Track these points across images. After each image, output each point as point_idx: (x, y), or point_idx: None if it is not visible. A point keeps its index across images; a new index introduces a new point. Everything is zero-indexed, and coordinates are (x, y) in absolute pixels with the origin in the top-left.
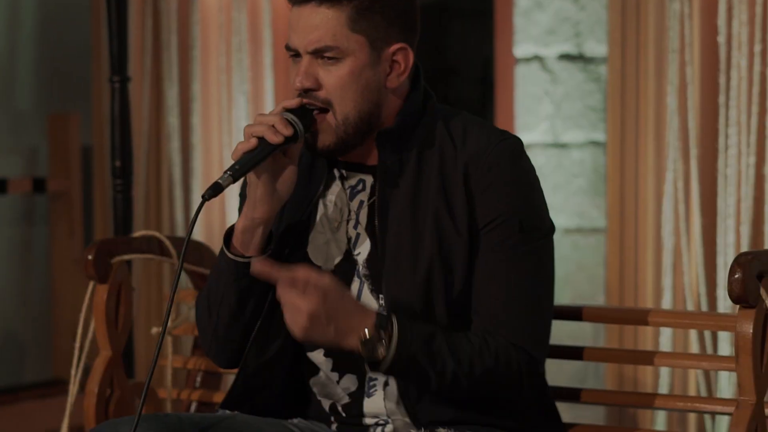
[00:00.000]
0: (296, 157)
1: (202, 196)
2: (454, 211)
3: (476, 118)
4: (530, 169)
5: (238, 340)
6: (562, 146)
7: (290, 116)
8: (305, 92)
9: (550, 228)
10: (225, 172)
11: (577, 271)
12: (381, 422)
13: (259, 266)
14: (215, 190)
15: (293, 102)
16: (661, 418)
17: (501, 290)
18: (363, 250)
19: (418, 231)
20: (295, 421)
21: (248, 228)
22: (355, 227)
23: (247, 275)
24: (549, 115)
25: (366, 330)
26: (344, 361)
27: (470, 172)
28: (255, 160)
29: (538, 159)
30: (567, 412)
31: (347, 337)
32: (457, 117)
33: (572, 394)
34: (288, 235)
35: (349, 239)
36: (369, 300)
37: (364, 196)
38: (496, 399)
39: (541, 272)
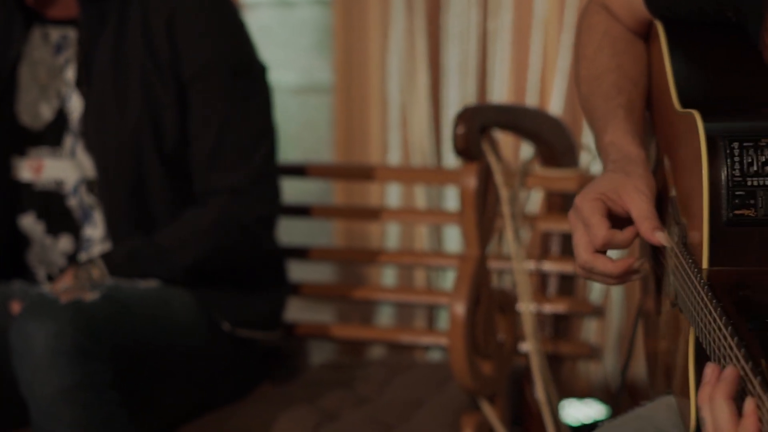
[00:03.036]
0: None
1: None
2: (160, 62)
3: None
4: (234, 12)
5: None
6: (288, 4)
7: None
8: None
9: (261, 68)
10: None
11: (304, 130)
12: None
13: None
14: None
15: None
16: (389, 275)
17: (217, 143)
18: (75, 108)
19: (124, 86)
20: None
21: None
22: (66, 84)
23: None
24: None
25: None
26: (57, 221)
27: (175, 20)
28: None
29: (263, 18)
30: (296, 270)
31: None
32: None
33: (300, 252)
34: None
35: (61, 97)
36: (83, 159)
37: (70, 51)
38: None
39: (258, 117)
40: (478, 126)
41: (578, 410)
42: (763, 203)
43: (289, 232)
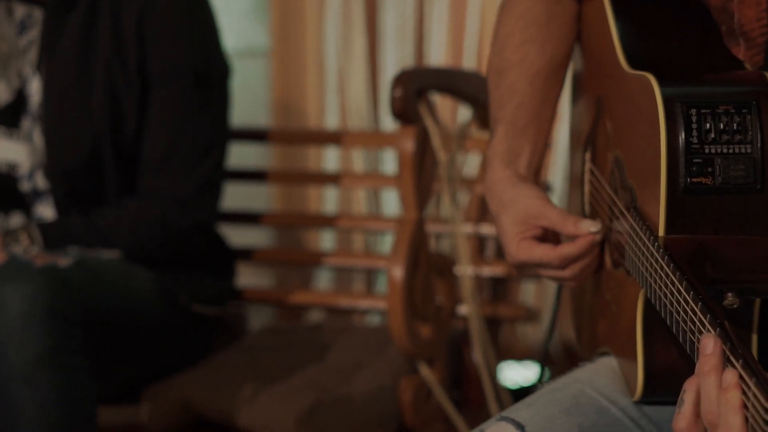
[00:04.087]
0: None
1: None
2: (126, 57)
3: None
4: (208, 13)
5: None
6: None
7: None
8: None
9: (225, 72)
10: None
11: (241, 94)
12: None
13: None
14: None
15: None
16: (327, 239)
17: (169, 148)
18: (35, 91)
19: (87, 74)
20: None
21: None
22: (29, 65)
23: None
24: None
25: None
26: (8, 202)
27: (146, 17)
28: None
29: None
30: (233, 235)
31: None
32: None
33: (238, 218)
34: None
35: (22, 78)
36: (40, 143)
37: (35, 32)
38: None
39: (212, 127)
40: (416, 89)
41: (517, 372)
42: (720, 171)
43: (226, 197)
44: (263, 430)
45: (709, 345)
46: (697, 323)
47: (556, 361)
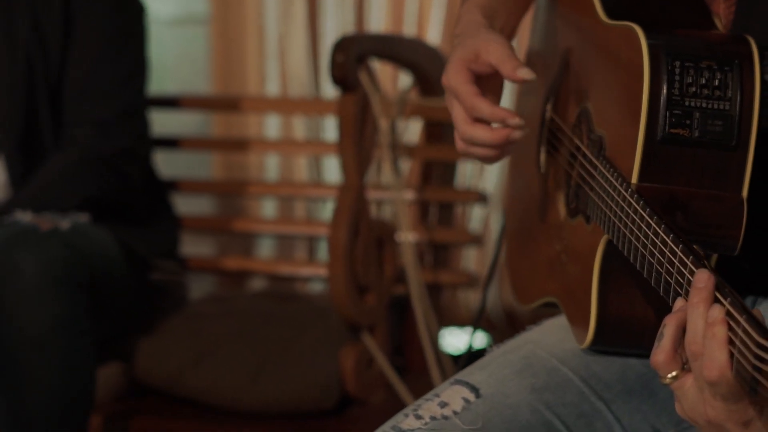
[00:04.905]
0: None
1: None
2: (47, 28)
3: None
4: None
5: None
6: None
7: None
8: None
9: (141, 8)
10: None
11: (181, 62)
12: None
13: None
14: None
15: None
16: (269, 206)
17: (90, 74)
18: None
19: (12, 24)
20: None
21: None
22: None
23: None
24: None
25: None
26: None
27: None
28: None
29: None
30: (176, 204)
31: None
32: None
33: (179, 185)
34: None
35: None
36: None
37: None
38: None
39: (133, 54)
40: (356, 55)
41: (459, 338)
42: (698, 124)
43: (167, 165)
44: (206, 397)
45: (703, 278)
46: (677, 264)
47: (498, 325)
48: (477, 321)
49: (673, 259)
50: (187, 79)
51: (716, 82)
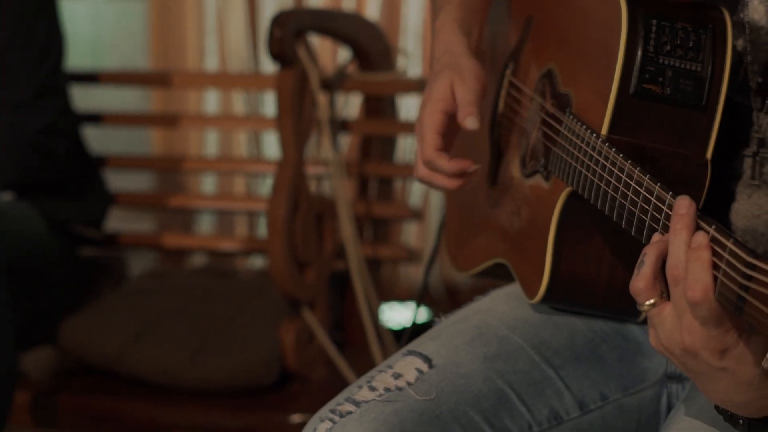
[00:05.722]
0: None
1: None
2: None
3: None
4: None
5: None
6: None
7: None
8: None
9: None
10: None
11: (120, 38)
12: None
13: None
14: None
15: None
16: (208, 182)
17: (5, 44)
18: None
19: None
20: None
21: None
22: None
23: None
24: None
25: None
26: None
27: None
28: None
29: None
30: (114, 179)
31: None
32: None
33: (118, 161)
34: None
35: None
36: None
37: None
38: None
39: (45, 31)
40: (294, 30)
41: (400, 313)
42: (670, 82)
43: (106, 141)
44: (146, 374)
45: (684, 205)
46: (653, 201)
47: (438, 300)
48: (421, 295)
49: (649, 196)
50: (125, 54)
51: (690, 44)
